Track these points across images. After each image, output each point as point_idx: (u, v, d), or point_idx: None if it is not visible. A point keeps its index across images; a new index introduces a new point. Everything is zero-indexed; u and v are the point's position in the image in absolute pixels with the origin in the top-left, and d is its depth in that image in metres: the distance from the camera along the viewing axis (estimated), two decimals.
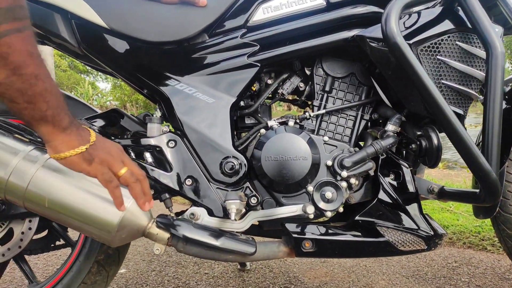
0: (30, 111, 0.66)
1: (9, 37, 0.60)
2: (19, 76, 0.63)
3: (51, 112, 0.68)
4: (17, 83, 0.63)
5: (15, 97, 0.64)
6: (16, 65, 0.62)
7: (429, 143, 1.02)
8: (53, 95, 0.68)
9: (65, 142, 0.72)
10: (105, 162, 0.77)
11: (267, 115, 1.18)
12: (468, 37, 0.98)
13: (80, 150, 0.73)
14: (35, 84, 0.65)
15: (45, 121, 0.68)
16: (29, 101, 0.65)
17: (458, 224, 2.09)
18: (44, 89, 0.66)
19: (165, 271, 1.72)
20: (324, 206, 1.01)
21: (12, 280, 1.66)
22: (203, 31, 1.05)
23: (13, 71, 0.62)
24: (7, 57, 0.61)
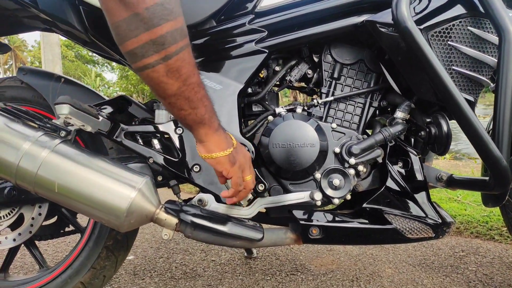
0: (193, 115, 0.76)
1: (183, 53, 0.69)
2: (188, 86, 0.72)
3: (208, 116, 0.78)
4: (186, 92, 0.72)
5: (183, 104, 0.74)
6: (186, 76, 0.71)
7: (439, 130, 1.01)
8: (208, 100, 0.78)
9: (216, 143, 0.81)
10: (242, 166, 0.87)
11: (275, 102, 1.17)
12: (480, 22, 0.96)
13: (229, 152, 0.83)
14: (198, 91, 0.74)
15: (203, 124, 0.78)
16: (193, 107, 0.75)
17: (465, 214, 2.08)
18: (203, 95, 0.76)
19: (172, 258, 1.74)
20: (331, 193, 1.01)
21: (23, 266, 1.69)
22: (210, 17, 1.04)
23: (184, 82, 0.71)
24: (181, 70, 0.70)
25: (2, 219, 1.09)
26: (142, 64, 0.68)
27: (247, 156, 0.90)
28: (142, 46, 0.66)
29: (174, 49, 0.68)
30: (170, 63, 0.68)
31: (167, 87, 0.71)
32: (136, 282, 1.49)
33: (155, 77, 0.69)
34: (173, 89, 0.71)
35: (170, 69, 0.69)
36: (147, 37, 0.65)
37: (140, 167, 1.04)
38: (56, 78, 1.17)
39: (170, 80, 0.70)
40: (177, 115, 0.77)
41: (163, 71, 0.69)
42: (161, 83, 0.70)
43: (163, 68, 0.68)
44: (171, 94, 0.72)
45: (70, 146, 0.92)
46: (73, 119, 0.91)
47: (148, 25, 0.64)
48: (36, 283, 1.15)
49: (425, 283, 1.42)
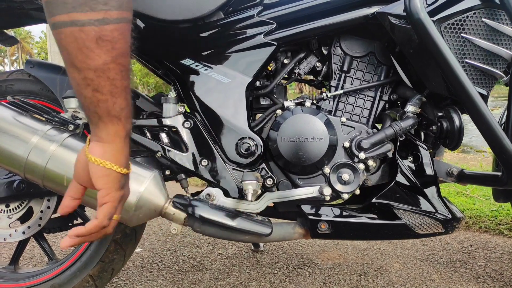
0: (110, 104, 0.60)
1: (123, 25, 0.58)
2: (117, 65, 0.59)
3: (126, 112, 0.63)
4: (112, 72, 0.59)
5: (103, 86, 0.59)
6: (119, 53, 0.59)
7: (451, 124, 0.99)
8: (129, 94, 0.63)
9: (119, 152, 0.64)
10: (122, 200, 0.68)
11: (283, 95, 1.16)
12: (495, 14, 0.94)
13: (124, 172, 0.64)
14: (126, 77, 0.61)
15: (119, 120, 0.62)
16: (113, 94, 0.60)
17: (474, 208, 2.07)
18: (128, 86, 0.63)
19: (180, 250, 1.75)
20: (340, 188, 1.00)
21: (32, 258, 1.71)
22: (218, 9, 1.02)
23: (115, 58, 0.58)
24: (116, 43, 0.58)
25: (11, 212, 1.10)
26: (69, 18, 0.55)
27: (127, 195, 0.70)
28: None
29: (116, 15, 0.57)
30: (105, 29, 0.56)
31: (91, 57, 0.57)
32: (144, 275, 1.50)
33: (79, 39, 0.55)
34: (98, 62, 0.57)
35: (103, 36, 0.56)
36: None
37: (148, 161, 1.04)
38: (64, 71, 1.16)
39: (98, 49, 0.56)
40: (89, 97, 0.60)
41: (93, 36, 0.56)
42: (84, 49, 0.56)
43: (94, 32, 0.55)
44: (92, 67, 0.57)
45: (79, 139, 0.92)
46: (81, 113, 0.91)
47: None
48: (46, 275, 1.16)
49: (433, 278, 1.41)
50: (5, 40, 1.27)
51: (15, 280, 1.17)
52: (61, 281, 1.15)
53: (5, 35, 1.26)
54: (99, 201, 0.64)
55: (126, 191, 0.69)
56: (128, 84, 0.62)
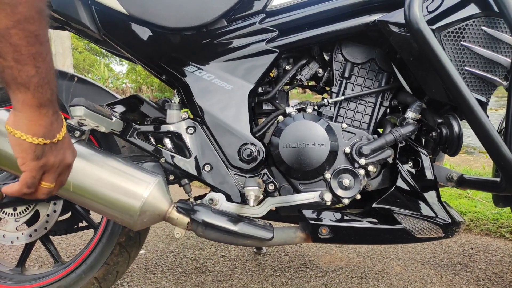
0: (16, 71, 0.58)
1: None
2: (20, 31, 0.55)
3: (36, 80, 0.59)
4: (14, 37, 0.55)
5: (5, 52, 0.56)
6: (22, 17, 0.55)
7: (450, 131, 1.00)
8: (45, 63, 0.60)
9: (30, 122, 0.61)
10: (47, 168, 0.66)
11: (285, 101, 1.18)
12: (494, 22, 0.95)
13: (37, 142, 0.62)
14: (33, 44, 0.57)
15: (26, 88, 0.59)
16: (18, 61, 0.57)
17: (475, 211, 2.07)
18: (39, 53, 0.59)
19: (183, 252, 1.77)
20: (341, 193, 1.02)
21: (37, 259, 1.73)
22: (221, 16, 1.04)
23: (17, 23, 0.55)
24: (17, 6, 0.54)
25: (18, 215, 1.12)
26: None
27: (65, 161, 0.68)
28: None
29: None
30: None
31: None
32: (147, 277, 1.52)
33: None
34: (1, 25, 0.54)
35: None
36: None
37: (152, 166, 1.06)
38: (70, 77, 1.18)
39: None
40: None
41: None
42: None
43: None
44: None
45: (85, 146, 0.94)
46: (87, 120, 0.93)
47: None
48: (52, 277, 1.18)
49: (434, 281, 1.43)
50: None
51: (22, 282, 1.19)
52: (67, 283, 1.17)
53: None
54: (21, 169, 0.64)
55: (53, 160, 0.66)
56: (38, 51, 0.58)
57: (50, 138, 0.64)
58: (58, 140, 0.65)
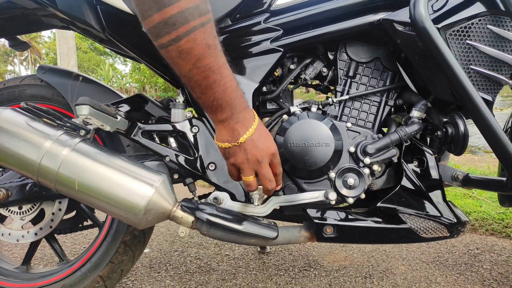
0: (203, 100, 0.75)
1: (194, 33, 0.67)
2: (198, 69, 0.70)
3: (216, 104, 0.76)
4: (196, 75, 0.71)
5: (194, 87, 0.73)
6: (196, 59, 0.69)
7: (456, 130, 1.00)
8: (220, 87, 0.74)
9: (218, 133, 0.82)
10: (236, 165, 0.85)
11: (289, 100, 1.17)
12: (500, 21, 0.94)
13: (223, 146, 0.82)
14: (208, 76, 0.72)
15: (211, 111, 0.77)
16: (202, 92, 0.74)
17: (480, 211, 2.06)
18: (214, 81, 0.73)
19: (187, 251, 1.77)
20: (346, 193, 1.01)
21: (43, 257, 1.74)
22: (225, 16, 1.04)
23: (194, 64, 0.69)
24: (191, 52, 0.68)
25: (24, 214, 1.13)
26: (158, 43, 0.69)
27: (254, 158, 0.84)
28: (155, 26, 0.67)
29: (185, 29, 0.66)
30: (181, 44, 0.67)
31: (179, 68, 0.71)
32: (152, 275, 1.53)
33: (169, 57, 0.70)
34: (185, 70, 0.71)
35: (182, 50, 0.68)
36: (159, 17, 0.65)
37: (156, 165, 1.06)
38: (75, 76, 1.19)
39: (182, 61, 0.69)
40: (192, 95, 0.78)
41: (176, 52, 0.68)
42: (174, 63, 0.71)
43: (175, 49, 0.68)
44: (183, 74, 0.72)
45: (90, 144, 0.94)
46: (92, 119, 0.93)
47: (160, 5, 0.64)
48: (57, 275, 1.19)
49: (439, 281, 1.42)
50: (18, 45, 1.30)
51: (27, 280, 1.20)
52: (72, 281, 1.18)
53: (18, 40, 1.29)
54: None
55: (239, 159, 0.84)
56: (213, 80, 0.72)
57: (233, 142, 0.81)
58: (241, 142, 0.81)
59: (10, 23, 1.17)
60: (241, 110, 0.80)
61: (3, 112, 0.93)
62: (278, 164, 0.90)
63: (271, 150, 0.86)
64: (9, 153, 0.90)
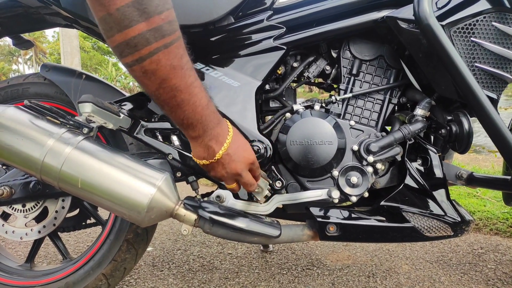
0: (174, 117, 0.76)
1: (157, 55, 0.66)
2: (164, 89, 0.70)
3: (186, 122, 0.76)
4: (163, 95, 0.71)
5: (162, 105, 0.74)
6: (162, 80, 0.69)
7: (460, 128, 0.99)
8: (190, 106, 0.74)
9: (194, 150, 0.83)
10: (219, 178, 0.87)
11: (292, 98, 1.17)
12: (505, 18, 0.93)
13: (203, 162, 0.83)
14: (175, 96, 0.72)
15: (183, 128, 0.78)
16: (171, 110, 0.74)
17: (485, 210, 2.05)
18: (182, 100, 0.73)
19: (190, 250, 1.77)
20: (349, 191, 1.01)
21: (46, 255, 1.75)
22: (228, 13, 1.04)
23: (159, 85, 0.70)
24: (155, 73, 0.68)
25: (27, 212, 1.13)
26: (122, 62, 0.69)
27: (232, 172, 0.85)
28: (117, 46, 0.66)
29: (147, 51, 0.66)
30: (144, 65, 0.67)
31: (145, 87, 0.71)
32: (155, 274, 1.53)
33: (135, 76, 0.70)
34: (151, 90, 0.71)
35: (146, 70, 0.68)
36: (120, 38, 0.65)
37: (159, 163, 1.06)
38: (78, 74, 1.19)
39: (147, 81, 0.69)
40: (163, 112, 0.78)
41: (140, 72, 0.68)
42: (140, 82, 0.71)
43: (139, 69, 0.68)
44: (150, 93, 0.72)
45: (93, 142, 0.94)
46: (95, 117, 0.93)
47: (120, 26, 0.63)
48: (60, 273, 1.19)
49: (443, 280, 1.41)
50: (22, 44, 1.30)
51: (31, 278, 1.20)
52: (75, 279, 1.18)
53: (21, 39, 1.30)
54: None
55: (219, 173, 0.86)
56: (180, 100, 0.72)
57: (209, 159, 0.83)
58: (217, 158, 0.82)
59: (14, 21, 1.17)
60: (214, 126, 0.80)
61: (6, 110, 0.94)
62: (257, 168, 0.91)
63: (249, 160, 0.87)
64: (12, 151, 0.91)
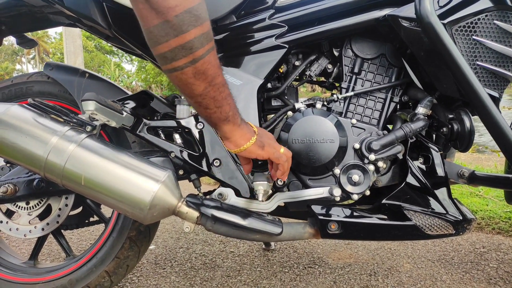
0: (218, 114, 0.80)
1: (209, 56, 0.73)
2: (213, 86, 0.76)
3: (232, 113, 0.82)
4: (211, 92, 0.76)
5: (209, 104, 0.78)
6: (212, 78, 0.75)
7: (461, 127, 0.99)
8: (231, 98, 0.82)
9: (241, 136, 0.86)
10: (270, 145, 0.91)
11: (294, 97, 1.17)
12: (507, 16, 0.93)
13: (254, 140, 0.87)
14: (223, 90, 0.79)
15: (228, 121, 0.82)
16: (218, 106, 0.79)
17: (487, 209, 2.05)
18: (228, 94, 0.80)
19: (192, 248, 1.78)
20: (351, 189, 1.01)
21: (50, 253, 1.76)
22: (231, 12, 1.05)
23: (210, 82, 0.75)
24: (207, 72, 0.74)
25: (31, 209, 1.14)
26: (172, 66, 0.72)
27: (269, 135, 0.94)
28: (171, 51, 0.70)
29: (201, 53, 0.71)
30: (197, 66, 0.72)
31: (194, 88, 0.75)
32: (157, 271, 1.53)
33: (183, 79, 0.74)
34: (200, 90, 0.75)
35: (197, 71, 0.73)
36: (177, 42, 0.69)
37: (162, 161, 1.07)
38: (81, 73, 1.20)
39: (197, 81, 0.74)
40: (203, 114, 0.81)
41: (191, 73, 0.73)
42: (189, 84, 0.75)
43: (191, 71, 0.72)
44: (198, 94, 0.76)
45: (96, 140, 0.95)
46: (98, 115, 0.94)
47: (177, 31, 0.68)
48: (63, 270, 1.20)
49: (444, 279, 1.41)
50: (25, 43, 1.31)
51: (35, 275, 1.21)
52: (78, 276, 1.19)
53: (25, 37, 1.30)
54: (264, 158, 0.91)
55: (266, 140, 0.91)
56: (227, 94, 0.80)
57: (253, 133, 0.88)
58: (256, 130, 0.90)
59: (18, 20, 1.18)
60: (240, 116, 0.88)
61: (10, 108, 0.94)
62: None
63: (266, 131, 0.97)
64: (16, 149, 0.92)
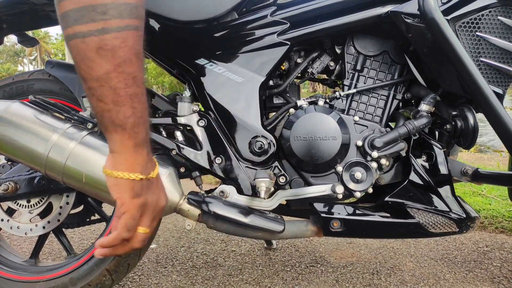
0: (114, 113, 0.60)
1: (126, 32, 0.58)
2: (119, 74, 0.58)
3: (132, 121, 0.62)
4: (114, 80, 0.58)
5: (105, 95, 0.59)
6: (121, 61, 0.58)
7: (465, 124, 0.98)
8: (140, 104, 0.62)
9: (128, 161, 0.64)
10: (145, 209, 0.67)
11: (296, 94, 1.17)
12: (511, 12, 0.93)
13: (136, 178, 0.64)
14: (130, 85, 0.60)
15: (123, 129, 0.62)
16: (116, 103, 0.60)
17: (490, 208, 2.04)
18: (135, 94, 0.61)
19: (193, 247, 1.77)
20: (353, 187, 1.01)
21: (51, 252, 1.76)
22: (232, 9, 1.04)
23: (116, 67, 0.58)
24: (117, 51, 0.57)
25: (32, 207, 1.14)
26: (73, 31, 0.57)
27: (160, 204, 0.71)
28: (78, 9, 0.55)
29: (116, 24, 0.57)
30: (105, 38, 0.56)
31: (92, 66, 0.57)
32: (158, 270, 1.53)
33: (82, 50, 0.57)
34: (99, 72, 0.57)
35: (104, 46, 0.57)
36: (86, 1, 0.55)
37: (163, 158, 1.06)
38: None
39: (99, 59, 0.57)
40: (95, 108, 0.61)
41: (94, 46, 0.56)
42: (87, 60, 0.57)
43: (94, 42, 0.56)
44: (95, 76, 0.58)
45: (97, 137, 0.94)
46: None
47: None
48: (65, 269, 1.20)
49: (447, 277, 1.40)
50: (26, 41, 1.31)
51: (36, 273, 1.21)
52: (79, 274, 1.18)
53: (26, 36, 1.30)
54: (117, 212, 0.66)
55: (151, 200, 0.68)
56: (134, 93, 0.60)
57: (146, 174, 0.65)
58: (152, 177, 0.67)
59: (19, 19, 1.18)
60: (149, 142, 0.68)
61: (12, 106, 0.94)
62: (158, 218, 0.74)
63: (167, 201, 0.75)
64: (17, 146, 0.91)
